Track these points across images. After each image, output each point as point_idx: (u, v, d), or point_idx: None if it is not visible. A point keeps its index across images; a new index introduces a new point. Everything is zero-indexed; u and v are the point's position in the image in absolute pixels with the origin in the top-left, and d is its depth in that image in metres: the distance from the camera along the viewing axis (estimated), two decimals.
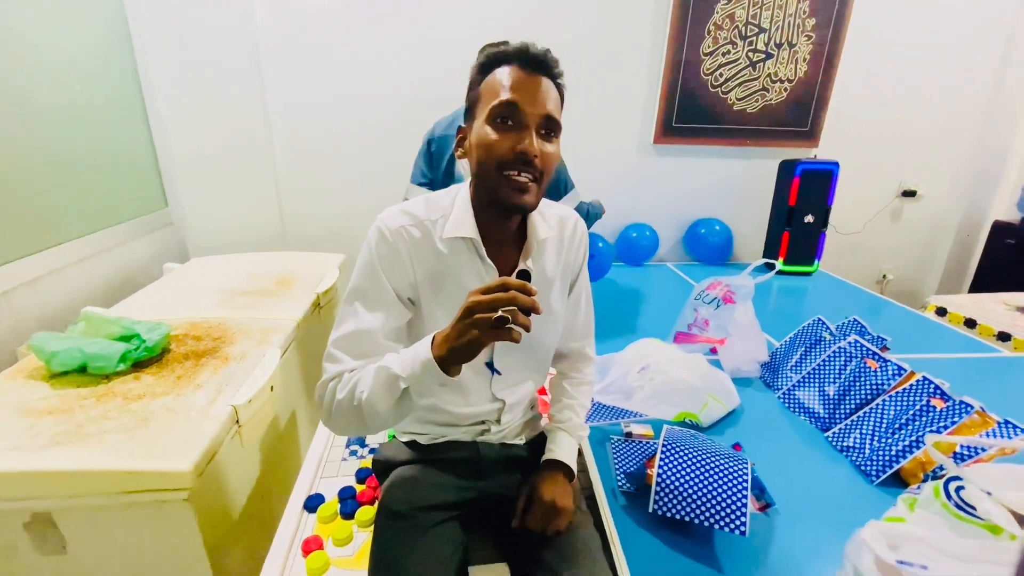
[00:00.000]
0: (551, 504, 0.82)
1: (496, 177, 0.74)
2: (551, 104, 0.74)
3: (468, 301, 0.62)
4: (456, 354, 0.63)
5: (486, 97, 0.75)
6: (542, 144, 0.74)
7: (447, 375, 0.65)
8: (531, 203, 0.76)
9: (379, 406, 0.68)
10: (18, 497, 0.85)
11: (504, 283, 0.61)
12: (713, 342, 1.42)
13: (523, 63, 0.74)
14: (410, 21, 2.13)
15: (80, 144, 1.71)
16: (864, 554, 0.65)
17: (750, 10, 2.24)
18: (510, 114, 0.73)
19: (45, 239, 1.54)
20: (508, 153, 0.72)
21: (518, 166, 0.72)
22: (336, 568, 0.87)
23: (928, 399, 1.08)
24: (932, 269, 2.94)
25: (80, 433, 0.92)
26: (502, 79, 0.74)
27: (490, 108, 0.73)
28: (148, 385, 1.09)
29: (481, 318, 0.61)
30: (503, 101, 0.72)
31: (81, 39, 1.74)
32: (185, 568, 0.92)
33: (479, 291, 0.62)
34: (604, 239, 2.00)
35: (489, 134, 0.73)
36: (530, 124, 0.73)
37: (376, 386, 0.68)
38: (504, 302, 0.60)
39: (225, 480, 1.00)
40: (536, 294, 0.61)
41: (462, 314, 0.63)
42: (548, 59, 0.75)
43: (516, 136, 0.72)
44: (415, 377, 0.66)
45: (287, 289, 1.68)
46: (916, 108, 2.57)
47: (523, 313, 0.60)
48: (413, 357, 0.67)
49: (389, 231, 0.78)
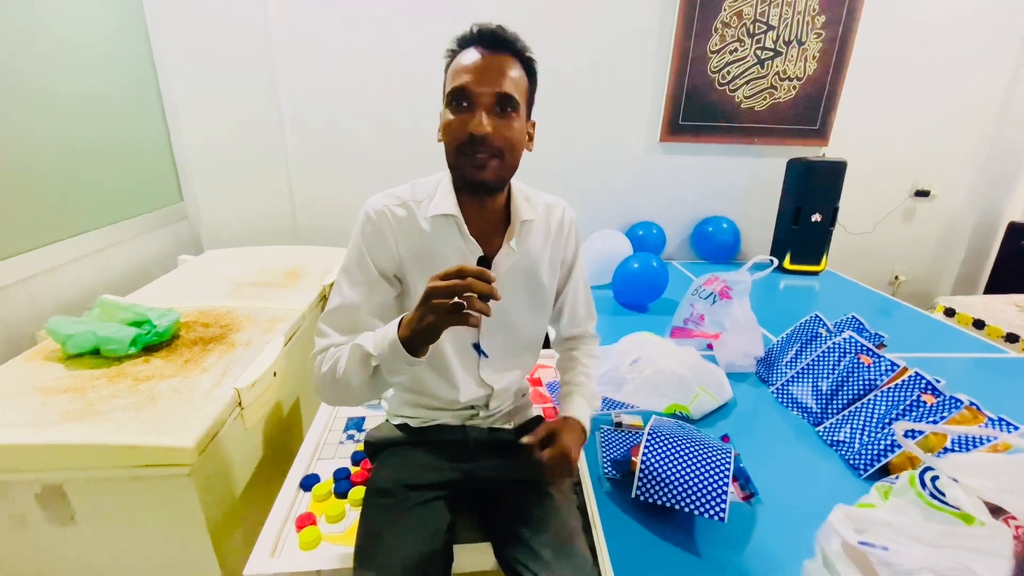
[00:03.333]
0: (567, 451, 0.82)
1: (456, 157, 0.78)
2: (506, 82, 0.76)
3: (428, 286, 0.65)
4: (418, 336, 0.67)
5: (448, 82, 0.79)
6: (495, 122, 0.76)
7: (413, 356, 0.68)
8: (491, 179, 0.79)
9: (354, 380, 0.72)
10: (31, 468, 0.90)
11: (461, 270, 0.64)
12: (708, 337, 1.43)
13: (481, 43, 0.77)
14: (421, 15, 2.16)
15: (100, 138, 1.78)
16: (832, 538, 0.66)
17: (758, 7, 2.23)
18: (463, 97, 0.76)
19: (65, 229, 1.60)
20: (462, 134, 0.76)
21: (473, 146, 0.76)
22: (327, 543, 0.90)
23: (919, 394, 1.08)
24: (946, 271, 2.89)
25: (91, 410, 0.97)
26: (460, 62, 0.78)
27: (447, 93, 0.78)
28: (157, 367, 1.14)
29: (438, 303, 0.63)
30: (454, 87, 0.76)
31: (100, 33, 1.80)
32: (187, 541, 0.97)
33: (437, 276, 0.65)
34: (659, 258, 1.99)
35: (448, 117, 0.78)
36: (481, 104, 0.75)
37: (351, 362, 0.72)
38: (461, 289, 0.62)
39: (226, 459, 1.05)
40: (494, 281, 0.64)
41: (422, 298, 0.65)
42: (504, 36, 0.78)
43: (468, 117, 0.76)
44: (384, 356, 0.70)
45: (295, 281, 1.73)
46: (930, 107, 2.53)
47: (481, 299, 0.62)
48: (383, 337, 0.71)
49: (374, 211, 0.82)
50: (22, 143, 1.46)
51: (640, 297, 1.95)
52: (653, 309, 1.96)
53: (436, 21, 2.16)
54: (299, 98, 2.24)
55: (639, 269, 1.95)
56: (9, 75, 1.43)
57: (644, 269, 1.94)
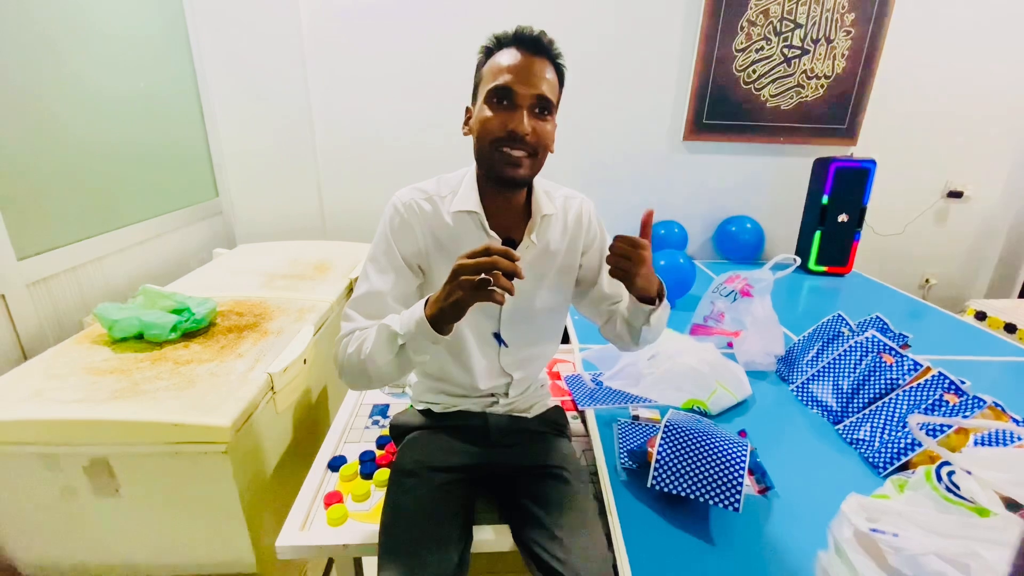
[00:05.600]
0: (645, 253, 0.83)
1: (491, 152, 0.81)
2: (544, 85, 0.80)
3: (456, 264, 0.69)
4: (444, 313, 0.70)
5: (486, 79, 0.82)
6: (535, 122, 0.80)
7: (439, 334, 0.71)
8: (524, 176, 0.82)
9: (379, 360, 0.76)
10: (82, 442, 0.97)
11: (487, 248, 0.68)
12: (728, 335, 1.44)
13: (521, 45, 0.80)
14: (448, 21, 2.21)
15: (144, 137, 1.87)
16: (844, 526, 0.68)
17: (785, 6, 2.21)
18: (505, 95, 0.79)
19: (111, 222, 1.70)
20: (502, 131, 0.79)
21: (511, 143, 0.79)
22: (353, 520, 0.95)
23: (942, 394, 1.07)
24: (980, 274, 2.81)
25: (136, 390, 1.04)
26: (500, 62, 0.80)
27: (488, 90, 0.80)
28: (195, 352, 1.21)
29: (466, 279, 0.67)
30: (498, 85, 0.79)
31: (145, 38, 1.90)
32: (221, 515, 1.02)
33: (465, 255, 0.69)
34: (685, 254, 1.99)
35: (486, 113, 0.80)
36: (522, 104, 0.79)
37: (378, 342, 0.76)
38: (487, 266, 0.66)
39: (259, 439, 1.10)
40: (519, 260, 0.67)
41: (450, 276, 0.69)
42: (543, 41, 0.81)
43: (509, 115, 0.79)
44: (410, 335, 0.73)
45: (323, 274, 1.79)
46: (963, 105, 2.46)
47: (506, 277, 0.66)
48: (409, 316, 0.74)
49: (402, 204, 0.86)
50: (75, 141, 1.56)
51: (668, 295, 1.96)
52: (680, 305, 1.96)
53: (462, 26, 2.21)
54: (329, 101, 2.32)
55: (666, 266, 1.95)
56: (67, 77, 1.52)
57: (671, 265, 1.94)
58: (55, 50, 1.49)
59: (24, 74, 1.39)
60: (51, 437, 0.96)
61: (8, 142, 1.34)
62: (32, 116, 1.41)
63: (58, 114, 1.50)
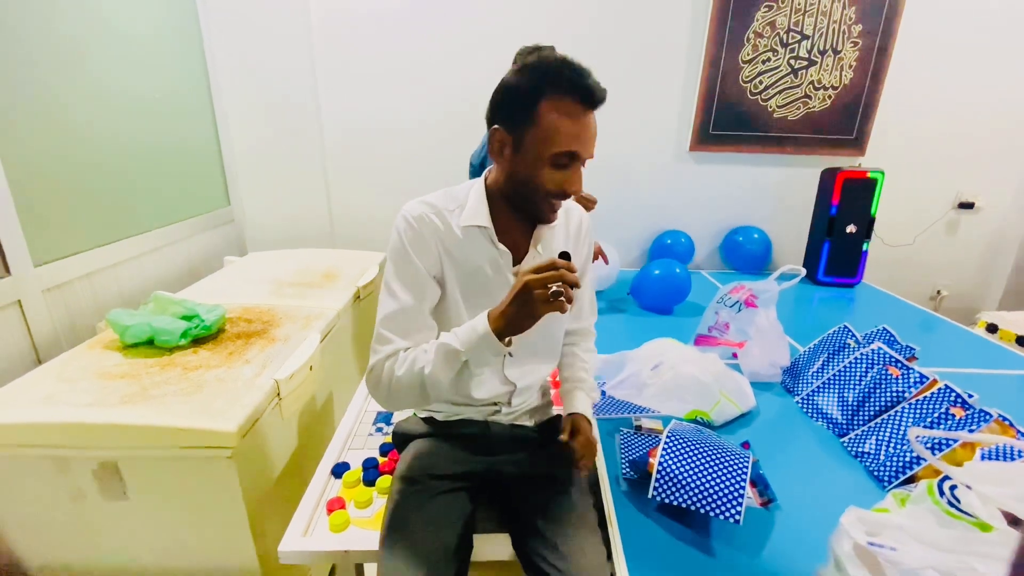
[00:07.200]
0: (591, 441, 0.95)
1: (540, 200, 0.84)
2: (595, 142, 0.83)
3: (525, 280, 0.73)
4: (514, 326, 0.75)
5: (547, 134, 0.77)
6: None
7: (504, 345, 0.76)
8: (556, 219, 0.89)
9: (441, 377, 0.79)
10: (91, 446, 0.99)
11: (552, 263, 0.72)
12: (733, 345, 1.43)
13: (583, 99, 0.77)
14: (458, 27, 2.24)
15: (158, 144, 1.91)
16: (843, 540, 0.67)
17: (792, 17, 2.22)
18: (568, 160, 0.80)
19: (127, 229, 1.74)
20: (557, 188, 0.82)
21: (561, 197, 0.84)
22: (355, 527, 0.96)
23: (948, 408, 1.06)
24: (992, 286, 2.78)
25: (145, 395, 1.06)
26: (562, 126, 0.77)
27: (551, 154, 0.78)
28: (204, 358, 1.23)
29: (540, 293, 0.71)
30: (565, 151, 0.78)
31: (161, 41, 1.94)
32: (226, 519, 1.04)
33: (531, 270, 0.73)
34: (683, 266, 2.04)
35: (544, 171, 0.80)
36: (581, 164, 0.82)
37: (437, 361, 0.78)
38: (556, 279, 0.71)
39: (265, 445, 1.12)
40: (577, 271, 0.72)
41: (520, 291, 0.73)
42: (603, 97, 0.78)
43: (566, 175, 0.81)
44: (474, 350, 0.77)
45: (331, 282, 1.82)
46: (974, 115, 2.45)
47: (568, 287, 0.71)
48: (471, 332, 0.77)
49: (413, 217, 0.87)
50: (92, 149, 1.60)
51: (663, 302, 1.98)
52: (681, 313, 1.97)
53: (474, 35, 2.24)
54: (338, 111, 2.36)
55: (662, 275, 1.98)
56: (87, 81, 1.57)
57: (667, 275, 1.97)
58: (77, 52, 1.53)
59: (46, 79, 1.43)
60: (62, 440, 0.98)
61: (28, 148, 1.38)
62: (52, 122, 1.46)
63: (77, 120, 1.54)
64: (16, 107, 1.34)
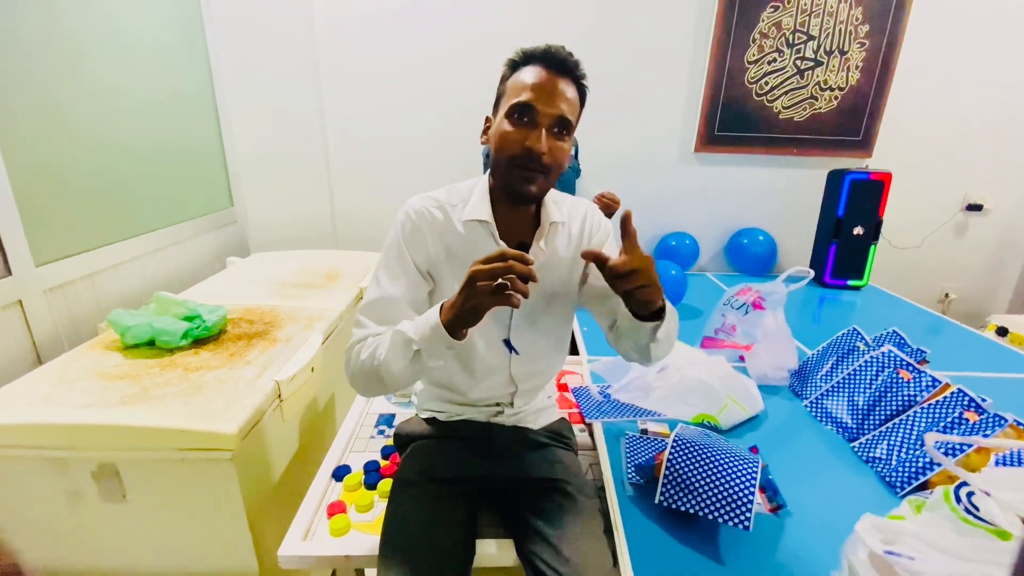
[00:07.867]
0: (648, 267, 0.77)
1: (507, 167, 0.81)
2: (565, 105, 0.80)
3: (471, 270, 0.69)
4: (461, 318, 0.71)
5: (509, 93, 0.82)
6: (551, 141, 0.80)
7: (454, 339, 0.72)
8: (535, 193, 0.83)
9: (394, 366, 0.76)
10: (90, 447, 0.98)
11: (503, 253, 0.68)
12: (740, 348, 1.41)
13: (546, 63, 0.80)
14: (461, 29, 2.24)
15: (162, 145, 1.91)
16: (858, 548, 0.65)
17: (798, 18, 2.21)
18: (526, 112, 0.79)
19: (129, 229, 1.73)
20: (519, 147, 0.79)
21: (526, 160, 0.79)
22: (356, 531, 0.94)
23: (961, 412, 1.04)
24: (1001, 289, 2.74)
25: (146, 396, 1.05)
26: (524, 78, 0.80)
27: (510, 105, 0.80)
28: (205, 359, 1.21)
29: (483, 284, 0.67)
30: (520, 101, 0.79)
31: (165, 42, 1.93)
32: (226, 522, 1.02)
33: (480, 260, 0.69)
34: (678, 267, 2.02)
35: (506, 128, 0.81)
36: (542, 123, 0.79)
37: (392, 348, 0.76)
38: (503, 270, 0.66)
39: (265, 447, 1.10)
40: (532, 263, 0.68)
41: (466, 282, 0.69)
42: (570, 61, 0.81)
43: (528, 132, 0.79)
44: (426, 340, 0.73)
45: (333, 283, 1.81)
46: (982, 116, 2.42)
47: (521, 280, 0.66)
48: (424, 322, 0.74)
49: (414, 211, 0.87)
50: (94, 148, 1.59)
51: None
52: (685, 316, 1.94)
53: (478, 35, 2.24)
54: (341, 112, 2.35)
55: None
56: (89, 81, 1.56)
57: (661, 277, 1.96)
58: (81, 53, 1.53)
59: (50, 79, 1.43)
60: (60, 441, 0.97)
61: (31, 149, 1.37)
62: (55, 123, 1.45)
63: (80, 120, 1.53)
64: (19, 107, 1.34)
